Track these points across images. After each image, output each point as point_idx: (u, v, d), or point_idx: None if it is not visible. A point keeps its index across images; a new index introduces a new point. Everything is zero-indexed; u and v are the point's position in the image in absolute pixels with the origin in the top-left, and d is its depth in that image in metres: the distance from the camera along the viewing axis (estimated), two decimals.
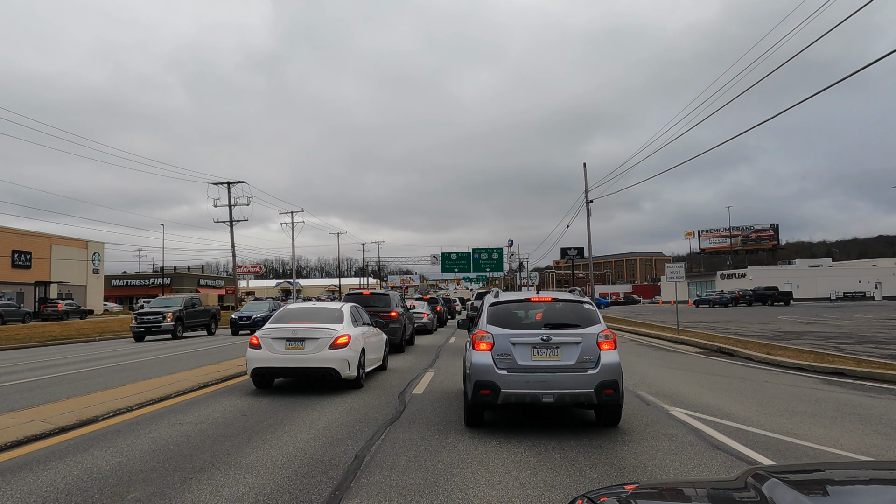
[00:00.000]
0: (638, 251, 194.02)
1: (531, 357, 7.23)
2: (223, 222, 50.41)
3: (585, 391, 7.03)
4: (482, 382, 7.16)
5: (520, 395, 7.09)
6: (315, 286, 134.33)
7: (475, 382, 7.21)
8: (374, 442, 6.71)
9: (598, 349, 7.25)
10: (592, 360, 7.19)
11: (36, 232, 54.55)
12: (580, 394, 7.04)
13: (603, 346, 7.28)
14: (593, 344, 7.26)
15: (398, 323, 18.12)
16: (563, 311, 7.82)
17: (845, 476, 2.02)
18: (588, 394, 7.03)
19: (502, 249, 74.46)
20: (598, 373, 7.09)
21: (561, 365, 7.17)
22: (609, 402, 7.15)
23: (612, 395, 7.10)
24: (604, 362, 7.16)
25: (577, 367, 7.15)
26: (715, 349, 17.45)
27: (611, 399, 7.11)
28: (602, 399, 7.06)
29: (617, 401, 7.22)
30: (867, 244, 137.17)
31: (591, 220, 38.76)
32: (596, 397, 7.02)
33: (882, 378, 11.31)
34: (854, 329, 23.80)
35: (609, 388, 7.06)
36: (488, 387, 7.13)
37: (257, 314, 31.23)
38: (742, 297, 65.12)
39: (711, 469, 5.67)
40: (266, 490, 5.06)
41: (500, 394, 7.08)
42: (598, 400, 7.05)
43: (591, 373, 7.10)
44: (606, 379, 7.06)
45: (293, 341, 10.37)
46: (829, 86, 13.95)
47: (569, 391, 7.04)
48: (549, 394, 7.04)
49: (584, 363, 7.17)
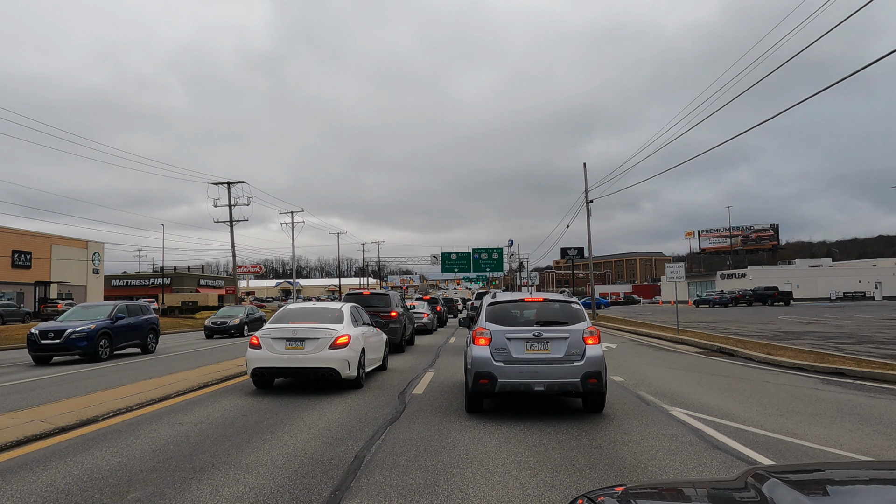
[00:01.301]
0: (638, 251, 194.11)
1: (524, 351, 8.07)
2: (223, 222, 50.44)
3: (572, 380, 7.90)
4: (481, 373, 7.98)
5: (514, 385, 7.93)
6: (315, 286, 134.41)
7: (475, 373, 8.03)
8: (374, 442, 6.72)
9: (584, 344, 8.10)
10: (578, 354, 8.03)
11: (36, 232, 54.55)
12: (567, 383, 7.91)
13: (588, 340, 8.14)
14: (579, 339, 8.11)
15: (398, 323, 18.13)
16: (553, 310, 8.66)
17: (845, 476, 2.01)
18: (574, 383, 7.90)
19: (502, 249, 74.44)
20: (584, 364, 7.96)
21: (551, 357, 8.02)
22: (593, 390, 8.04)
23: (596, 384, 7.98)
24: (588, 355, 8.03)
25: (565, 360, 7.99)
26: (715, 349, 17.45)
27: (595, 388, 8.00)
28: (587, 387, 7.94)
29: (600, 389, 8.09)
30: (867, 244, 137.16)
31: (591, 220, 38.79)
32: (581, 386, 7.90)
33: (882, 378, 11.31)
34: (854, 329, 23.80)
35: (593, 377, 7.94)
36: (487, 377, 7.95)
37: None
38: (742, 297, 65.12)
39: (711, 469, 5.66)
40: (266, 490, 5.06)
41: (497, 383, 7.92)
42: (583, 388, 7.93)
43: (577, 364, 7.96)
44: (591, 370, 7.94)
45: (293, 341, 10.37)
46: (829, 86, 13.96)
47: (557, 380, 7.90)
48: (540, 383, 7.90)
49: (571, 356, 8.01)
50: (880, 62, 12.72)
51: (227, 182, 50.02)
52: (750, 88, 17.53)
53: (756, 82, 16.77)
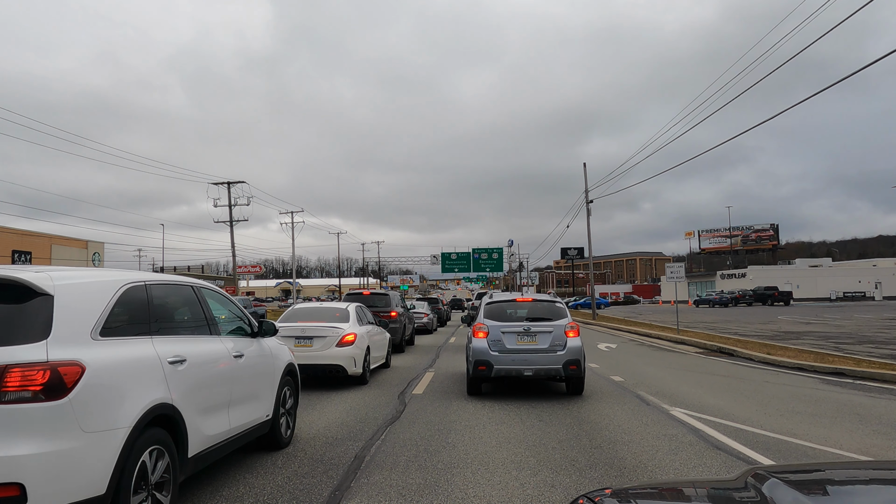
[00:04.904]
0: (638, 251, 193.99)
1: (516, 342, 9.52)
2: (223, 222, 50.42)
3: (555, 367, 9.34)
4: (480, 361, 9.45)
5: (507, 370, 9.39)
6: (315, 286, 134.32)
7: (475, 362, 9.49)
8: (374, 442, 6.71)
9: (566, 336, 9.54)
10: (561, 345, 9.47)
11: (36, 232, 54.53)
12: (551, 369, 9.35)
13: (569, 334, 9.58)
14: (562, 333, 9.57)
15: (398, 323, 18.11)
16: (540, 308, 10.21)
17: (845, 476, 2.01)
18: (557, 369, 9.35)
19: (502, 249, 74.41)
20: (565, 353, 9.39)
21: (538, 348, 9.47)
22: (573, 375, 9.45)
23: (576, 371, 9.39)
24: (569, 346, 9.46)
25: (550, 350, 9.44)
26: (715, 349, 17.45)
27: (574, 373, 9.42)
28: (568, 373, 9.38)
29: (579, 374, 9.49)
30: (867, 244, 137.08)
31: (591, 220, 38.78)
32: (563, 371, 9.36)
33: (882, 378, 11.31)
34: (854, 329, 23.79)
35: (573, 364, 9.36)
36: (484, 364, 9.42)
37: None
38: (742, 297, 65.09)
39: (711, 469, 5.66)
40: (266, 490, 5.06)
41: (493, 369, 9.38)
42: (565, 374, 9.39)
43: (560, 353, 9.40)
44: (571, 358, 9.37)
45: (302, 339, 10.76)
46: (829, 86, 13.96)
47: (543, 367, 9.34)
48: (529, 369, 9.35)
49: (554, 346, 9.46)
50: (880, 62, 12.72)
51: (227, 182, 50.00)
52: (749, 89, 17.54)
53: (756, 82, 16.78)
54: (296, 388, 7.01)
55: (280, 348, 6.71)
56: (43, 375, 3.20)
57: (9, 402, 3.11)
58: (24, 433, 3.11)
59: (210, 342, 5.07)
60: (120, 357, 3.77)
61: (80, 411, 3.31)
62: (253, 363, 5.74)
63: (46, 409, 3.18)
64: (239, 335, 5.77)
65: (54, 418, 3.21)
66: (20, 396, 3.14)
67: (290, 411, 6.77)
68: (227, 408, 5.06)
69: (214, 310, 5.43)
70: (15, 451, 3.07)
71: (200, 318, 5.12)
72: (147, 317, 4.27)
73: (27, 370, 3.18)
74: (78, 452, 3.28)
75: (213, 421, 4.78)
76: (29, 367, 3.19)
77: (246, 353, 5.59)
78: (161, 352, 4.18)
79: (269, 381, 6.14)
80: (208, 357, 4.89)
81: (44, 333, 3.34)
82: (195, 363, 4.56)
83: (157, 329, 4.34)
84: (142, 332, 4.16)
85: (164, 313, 4.59)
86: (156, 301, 4.45)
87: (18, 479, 3.05)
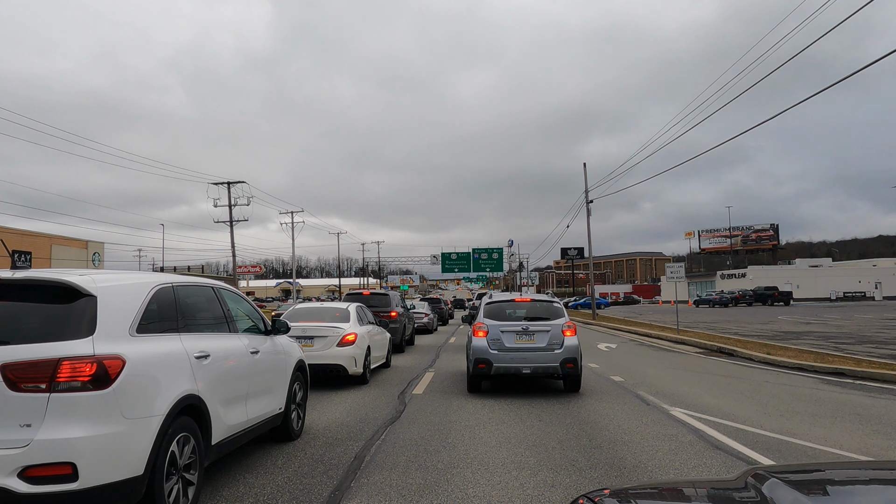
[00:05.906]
0: (638, 251, 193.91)
1: (515, 341, 9.69)
2: (223, 222, 50.40)
3: (553, 365, 9.52)
4: (480, 359, 9.65)
5: (507, 368, 9.57)
6: (315, 286, 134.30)
7: (475, 360, 9.70)
8: (374, 442, 6.71)
9: (563, 335, 9.69)
10: (558, 343, 9.63)
11: (36, 232, 54.49)
12: (549, 367, 9.53)
13: (566, 332, 9.74)
14: (559, 331, 9.72)
15: (398, 323, 18.10)
16: (538, 308, 10.41)
17: (845, 476, 2.01)
18: (555, 367, 9.52)
19: (502, 249, 74.37)
20: (563, 352, 9.56)
21: (536, 346, 9.64)
22: (570, 373, 9.64)
23: (573, 368, 9.59)
24: (566, 344, 9.63)
25: (547, 348, 9.60)
26: (715, 349, 17.44)
27: (571, 371, 9.61)
28: (565, 371, 9.57)
29: (576, 372, 9.70)
30: (867, 244, 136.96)
31: (590, 220, 38.78)
32: (561, 369, 9.54)
33: (882, 378, 11.31)
34: (854, 329, 23.79)
35: (570, 362, 9.56)
36: (484, 362, 9.61)
37: None
38: (742, 297, 65.04)
39: (711, 469, 5.66)
40: (266, 490, 5.06)
41: (492, 367, 9.57)
42: (562, 371, 9.57)
43: (557, 352, 9.57)
44: (568, 356, 9.55)
45: (303, 339, 10.68)
46: (829, 86, 13.96)
47: (541, 365, 9.53)
48: (527, 367, 9.52)
49: (552, 345, 9.62)
50: (880, 62, 12.72)
51: (227, 182, 49.99)
52: (749, 89, 17.53)
53: (756, 82, 16.78)
54: (305, 384, 7.31)
55: (291, 345, 7.02)
56: (91, 367, 3.54)
57: (62, 390, 3.45)
58: (75, 419, 3.45)
59: (229, 339, 5.39)
60: (154, 352, 4.12)
61: (121, 400, 3.66)
62: (267, 359, 6.04)
63: (93, 398, 3.53)
64: (254, 333, 6.07)
65: (100, 406, 3.55)
66: (71, 386, 3.48)
67: (301, 405, 7.09)
68: (244, 400, 5.37)
69: (232, 309, 5.72)
70: (68, 434, 3.41)
71: (220, 317, 5.43)
72: (175, 315, 4.61)
73: (77, 363, 3.51)
74: (120, 437, 3.62)
75: (233, 412, 5.10)
76: (79, 360, 3.53)
77: (261, 350, 5.90)
78: (188, 347, 4.51)
79: (282, 376, 6.44)
80: (228, 353, 5.20)
81: (89, 330, 3.68)
82: (217, 358, 4.86)
83: (184, 326, 4.67)
84: (171, 328, 4.50)
85: (190, 312, 4.91)
86: (182, 301, 4.79)
87: (71, 458, 3.40)
